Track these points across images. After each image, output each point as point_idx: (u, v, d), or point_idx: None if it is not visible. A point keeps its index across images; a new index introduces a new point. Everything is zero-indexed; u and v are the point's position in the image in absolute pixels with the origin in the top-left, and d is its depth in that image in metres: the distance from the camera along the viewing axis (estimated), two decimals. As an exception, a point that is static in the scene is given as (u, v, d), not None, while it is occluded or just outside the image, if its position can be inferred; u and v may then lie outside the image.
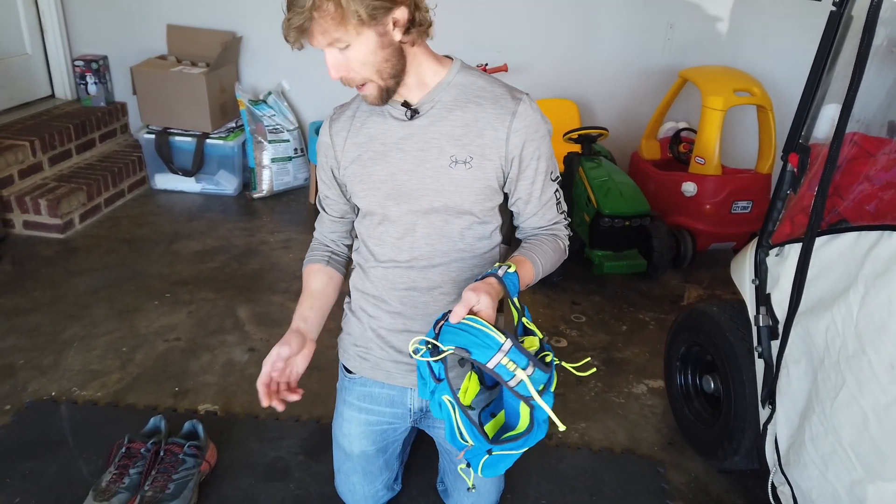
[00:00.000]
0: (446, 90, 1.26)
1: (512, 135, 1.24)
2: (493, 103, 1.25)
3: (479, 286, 1.07)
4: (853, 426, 1.27)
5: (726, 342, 1.82)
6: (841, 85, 1.39)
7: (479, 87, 1.27)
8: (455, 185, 1.26)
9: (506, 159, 1.27)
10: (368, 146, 1.29)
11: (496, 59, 3.31)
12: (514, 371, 0.99)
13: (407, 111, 1.26)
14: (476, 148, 1.25)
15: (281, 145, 3.59)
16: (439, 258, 1.32)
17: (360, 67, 1.16)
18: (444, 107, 1.26)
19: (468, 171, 1.25)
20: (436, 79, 1.26)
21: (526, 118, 1.25)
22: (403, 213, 1.30)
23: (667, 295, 2.92)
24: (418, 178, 1.27)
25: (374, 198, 1.30)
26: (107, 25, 3.71)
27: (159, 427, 1.84)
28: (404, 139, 1.27)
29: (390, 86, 1.21)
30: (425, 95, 1.26)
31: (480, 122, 1.24)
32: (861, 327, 1.26)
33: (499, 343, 0.98)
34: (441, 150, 1.25)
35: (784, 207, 1.58)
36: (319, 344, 2.38)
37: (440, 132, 1.25)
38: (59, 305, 2.55)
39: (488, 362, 0.98)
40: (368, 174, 1.30)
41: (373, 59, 1.16)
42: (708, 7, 3.43)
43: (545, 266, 1.29)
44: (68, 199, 3.08)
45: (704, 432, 1.96)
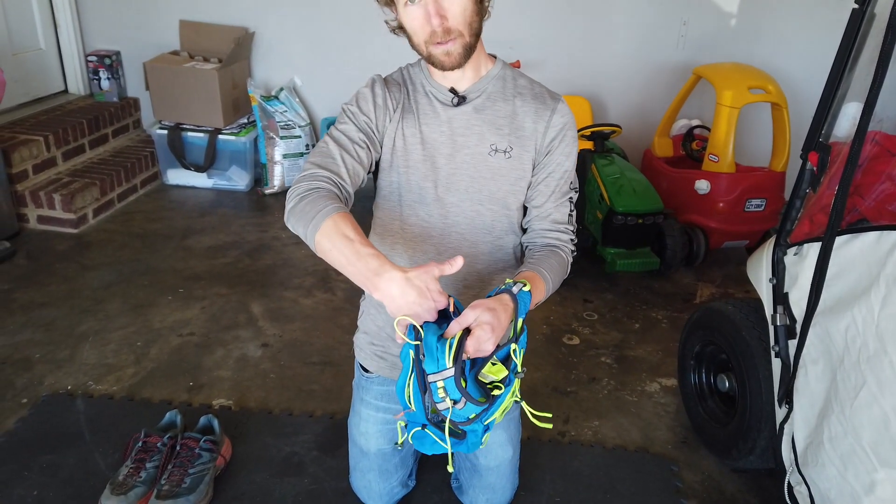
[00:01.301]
0: (493, 82, 1.31)
1: (550, 129, 1.30)
2: (535, 99, 1.31)
3: (484, 302, 1.06)
4: (873, 426, 1.26)
5: (742, 341, 1.81)
6: (863, 83, 1.37)
7: (522, 84, 1.33)
8: (493, 172, 1.29)
9: (539, 151, 1.30)
10: (413, 124, 1.30)
11: (509, 54, 3.29)
12: (444, 398, 1.03)
13: (454, 97, 1.28)
14: (516, 139, 1.29)
15: (293, 141, 3.60)
16: (468, 248, 1.33)
17: (460, 14, 1.17)
18: (489, 97, 1.30)
19: (507, 160, 1.30)
20: (485, 69, 1.30)
21: (563, 116, 1.31)
22: (437, 197, 1.31)
23: (679, 293, 2.91)
24: (456, 163, 1.29)
25: (412, 177, 1.31)
26: (120, 21, 3.72)
27: (175, 421, 1.85)
28: (447, 123, 1.30)
29: (473, 44, 1.22)
30: (474, 84, 1.29)
31: (521, 114, 1.29)
32: (882, 327, 1.25)
33: (444, 367, 1.01)
34: (481, 137, 1.29)
35: (803, 206, 1.57)
36: (332, 340, 2.42)
37: (483, 120, 1.29)
38: (73, 300, 2.57)
39: (429, 375, 1.03)
40: (409, 151, 1.30)
41: (470, 9, 1.18)
42: (722, 4, 3.41)
43: (555, 284, 1.28)
44: (82, 195, 3.10)
45: (718, 431, 1.95)
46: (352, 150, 1.22)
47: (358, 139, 1.24)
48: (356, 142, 1.23)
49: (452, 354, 1.00)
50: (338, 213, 1.06)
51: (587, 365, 2.38)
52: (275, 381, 2.18)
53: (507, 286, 1.14)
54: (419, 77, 1.32)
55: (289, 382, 2.18)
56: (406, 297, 0.97)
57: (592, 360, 2.41)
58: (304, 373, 2.23)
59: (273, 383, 2.17)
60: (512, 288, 1.13)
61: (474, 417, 1.07)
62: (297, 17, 3.63)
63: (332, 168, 1.17)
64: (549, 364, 2.38)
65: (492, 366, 1.09)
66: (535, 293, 1.17)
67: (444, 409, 1.04)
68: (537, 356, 2.40)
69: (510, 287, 1.14)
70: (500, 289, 1.14)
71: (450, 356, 1.00)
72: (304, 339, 2.42)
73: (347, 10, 3.50)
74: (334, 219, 1.05)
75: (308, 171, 1.16)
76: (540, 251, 1.33)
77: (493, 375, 1.11)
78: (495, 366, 1.10)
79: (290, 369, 2.25)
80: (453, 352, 1.01)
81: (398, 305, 0.98)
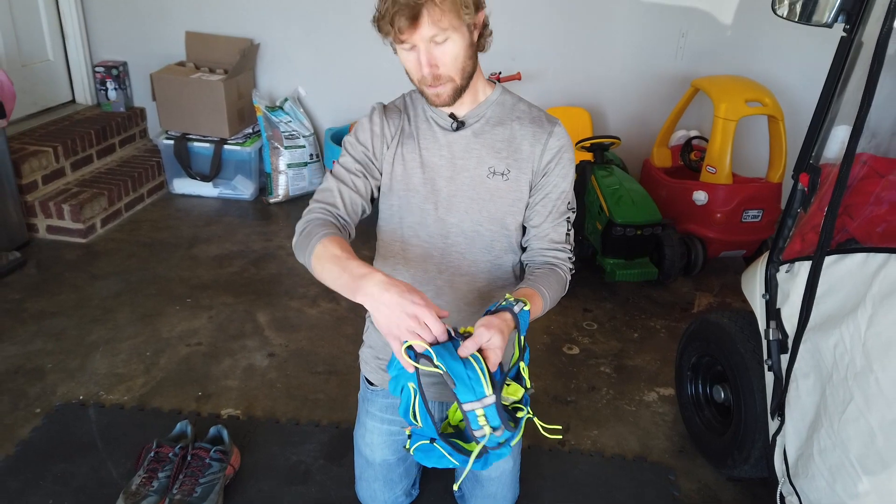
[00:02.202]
0: (491, 107, 1.35)
1: (546, 152, 1.34)
2: (532, 122, 1.35)
3: (493, 322, 1.08)
4: (860, 441, 1.31)
5: (737, 353, 1.86)
6: (852, 107, 1.42)
7: (521, 109, 1.38)
8: (491, 194, 1.34)
9: (536, 173, 1.34)
10: (412, 148, 1.35)
11: (510, 66, 3.35)
12: (483, 425, 1.02)
13: (453, 122, 1.32)
14: (514, 161, 1.33)
15: (297, 151, 3.65)
16: (468, 267, 1.38)
17: (451, 63, 1.21)
18: (487, 121, 1.34)
19: (505, 182, 1.34)
20: (483, 95, 1.34)
21: (560, 139, 1.35)
22: (438, 218, 1.35)
23: (678, 302, 2.96)
24: (457, 185, 1.34)
25: (412, 199, 1.36)
26: (127, 32, 3.78)
27: (186, 432, 1.90)
28: (446, 147, 1.34)
29: (465, 86, 1.27)
30: (473, 109, 1.33)
31: (518, 138, 1.34)
32: (869, 345, 1.30)
33: (483, 394, 1.00)
34: (480, 160, 1.33)
35: (794, 225, 1.62)
36: (337, 349, 2.47)
37: (481, 144, 1.33)
38: (83, 309, 2.62)
39: (464, 404, 1.01)
40: (410, 175, 1.35)
41: (462, 56, 1.22)
42: (720, 16, 3.46)
43: (552, 301, 1.32)
44: (90, 205, 3.15)
45: (715, 441, 2.00)
46: (349, 181, 1.30)
47: (355, 170, 1.32)
48: (353, 172, 1.31)
49: (489, 381, 1.00)
50: (327, 237, 1.15)
51: (587, 374, 2.43)
52: (281, 391, 2.23)
53: (507, 304, 1.17)
54: (420, 103, 1.37)
55: (295, 392, 2.23)
56: (386, 294, 1.00)
57: (592, 370, 2.46)
58: (310, 382, 2.28)
59: (280, 392, 2.22)
60: (514, 307, 1.16)
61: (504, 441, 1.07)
62: (301, 29, 3.69)
63: (329, 200, 1.27)
64: (550, 373, 2.43)
65: (506, 386, 1.11)
66: (533, 310, 1.22)
67: (482, 436, 1.02)
68: (538, 365, 2.45)
69: (511, 305, 1.16)
70: (501, 305, 1.17)
71: (487, 383, 1.00)
72: (309, 349, 2.47)
73: (351, 21, 3.56)
74: (323, 242, 1.14)
75: (309, 207, 1.28)
76: (539, 269, 1.37)
77: (511, 396, 1.13)
78: (510, 386, 1.12)
79: (297, 378, 2.30)
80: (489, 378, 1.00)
81: (379, 304, 1.01)
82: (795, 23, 1.44)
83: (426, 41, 1.17)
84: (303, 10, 3.64)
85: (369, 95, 3.79)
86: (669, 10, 3.46)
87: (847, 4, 1.38)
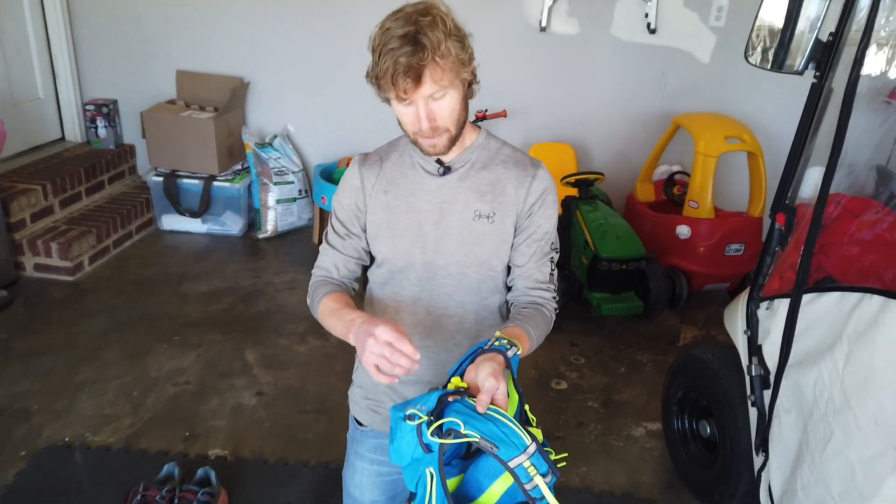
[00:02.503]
0: (476, 151, 1.38)
1: (531, 194, 1.37)
2: (516, 166, 1.38)
3: (497, 371, 1.07)
4: (841, 477, 1.33)
5: (721, 389, 1.89)
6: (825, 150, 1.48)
7: (505, 153, 1.41)
8: (477, 237, 1.36)
9: (521, 215, 1.37)
10: (397, 195, 1.38)
11: (496, 104, 3.42)
12: (534, 475, 0.96)
13: (440, 168, 1.36)
14: (498, 204, 1.36)
15: (286, 187, 3.69)
16: (455, 308, 1.40)
17: (447, 116, 1.24)
18: (472, 166, 1.38)
19: (490, 224, 1.36)
20: (469, 140, 1.38)
21: (543, 182, 1.38)
22: (426, 262, 1.38)
23: (664, 335, 2.99)
24: (443, 229, 1.36)
25: (399, 245, 1.38)
26: (117, 71, 3.83)
27: (173, 474, 1.89)
28: (433, 192, 1.37)
29: (458, 136, 1.31)
30: (459, 155, 1.37)
31: (503, 181, 1.37)
32: (846, 383, 1.33)
33: (525, 444, 0.96)
34: (466, 203, 1.36)
35: (773, 263, 1.66)
36: (326, 387, 2.47)
37: (467, 188, 1.37)
38: (71, 348, 2.61)
39: (510, 461, 0.95)
40: (396, 222, 1.38)
41: (458, 108, 1.26)
42: (699, 55, 3.56)
43: (538, 341, 1.34)
44: (79, 242, 3.16)
45: (702, 476, 2.01)
46: (340, 246, 1.40)
47: (343, 234, 1.40)
48: (342, 236, 1.40)
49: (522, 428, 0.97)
50: (326, 296, 1.29)
51: (574, 409, 2.45)
52: (270, 430, 2.23)
53: (500, 346, 1.15)
54: (408, 149, 1.40)
55: (283, 431, 2.23)
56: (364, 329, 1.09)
57: (580, 405, 2.48)
58: (299, 421, 2.28)
59: (268, 432, 2.22)
60: (507, 352, 1.14)
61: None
62: (290, 67, 3.75)
63: (325, 266, 1.41)
64: (538, 409, 2.42)
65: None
66: (521, 352, 1.24)
67: (532, 488, 0.95)
68: (526, 401, 2.46)
69: (504, 349, 1.14)
70: (493, 346, 1.16)
71: (523, 431, 0.97)
72: (298, 387, 2.47)
73: (338, 59, 3.63)
74: (324, 302, 1.29)
75: (312, 272, 1.42)
76: (525, 308, 1.40)
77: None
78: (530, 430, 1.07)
79: (285, 417, 2.29)
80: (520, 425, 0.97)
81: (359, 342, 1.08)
82: (768, 70, 1.50)
83: (425, 98, 1.20)
84: (291, 49, 3.71)
85: (357, 132, 3.86)
86: (650, 49, 3.55)
87: (817, 53, 1.44)
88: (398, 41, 1.14)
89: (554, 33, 3.57)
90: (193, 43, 3.74)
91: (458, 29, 1.20)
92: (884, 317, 1.26)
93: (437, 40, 1.14)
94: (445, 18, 1.17)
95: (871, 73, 1.50)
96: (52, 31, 3.67)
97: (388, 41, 1.15)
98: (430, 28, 1.15)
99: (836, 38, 1.41)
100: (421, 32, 1.14)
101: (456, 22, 1.20)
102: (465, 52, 1.20)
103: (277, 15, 3.65)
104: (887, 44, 1.51)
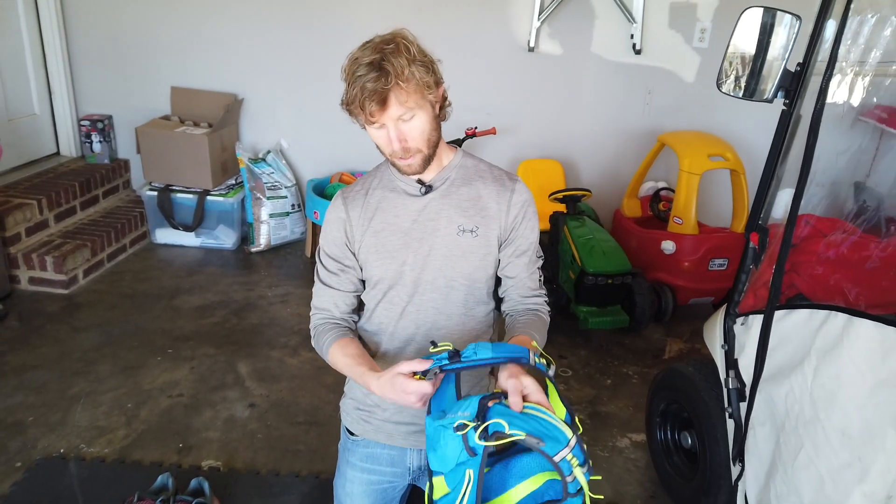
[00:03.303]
0: (455, 170, 1.45)
1: (511, 208, 1.44)
2: (495, 181, 1.45)
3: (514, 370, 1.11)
4: (811, 487, 1.39)
5: (701, 401, 1.95)
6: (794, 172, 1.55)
7: (482, 169, 1.48)
8: (462, 251, 1.43)
9: (505, 228, 1.44)
10: (383, 219, 1.44)
11: (486, 121, 3.50)
12: (575, 466, 0.98)
13: (421, 187, 1.42)
14: (481, 219, 1.43)
15: (279, 201, 3.74)
16: (444, 321, 1.46)
17: (418, 136, 1.31)
18: (453, 183, 1.45)
19: (474, 238, 1.43)
20: (447, 160, 1.45)
21: (522, 195, 1.45)
22: (414, 278, 1.44)
23: (649, 349, 3.05)
24: (429, 245, 1.43)
25: (389, 266, 1.44)
26: (113, 87, 3.88)
27: (167, 485, 1.93)
28: (418, 212, 1.44)
29: (432, 155, 1.37)
30: (439, 174, 1.44)
31: (484, 197, 1.44)
32: (815, 396, 1.40)
33: (567, 438, 0.99)
34: (450, 219, 1.43)
35: (748, 280, 1.73)
36: (318, 400, 2.52)
37: (449, 204, 1.43)
38: (65, 362, 2.64)
39: (555, 455, 0.97)
40: (384, 244, 1.44)
41: (428, 129, 1.32)
42: (683, 75, 3.66)
43: (542, 343, 1.41)
44: (73, 256, 3.20)
45: (684, 486, 2.07)
46: (333, 283, 1.46)
47: (335, 269, 1.46)
48: (334, 272, 1.46)
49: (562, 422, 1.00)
50: (333, 344, 1.39)
51: (561, 421, 2.50)
52: (262, 442, 2.27)
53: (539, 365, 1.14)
54: (388, 174, 1.47)
55: (275, 443, 2.27)
56: (386, 395, 1.20)
57: (566, 417, 2.53)
58: (291, 433, 2.32)
59: (260, 444, 2.26)
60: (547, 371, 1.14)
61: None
62: (283, 84, 3.82)
63: (324, 307, 1.47)
64: (525, 421, 2.49)
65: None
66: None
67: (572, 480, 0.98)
68: (514, 413, 2.51)
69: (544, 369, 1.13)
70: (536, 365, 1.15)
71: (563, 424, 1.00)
72: (290, 399, 2.51)
73: (331, 76, 3.66)
74: (332, 351, 1.39)
75: (312, 312, 1.48)
76: (523, 316, 1.48)
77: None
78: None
79: (277, 429, 2.34)
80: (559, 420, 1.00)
81: (389, 399, 1.20)
82: (740, 98, 1.58)
83: (394, 120, 1.28)
84: (285, 66, 3.78)
85: (350, 147, 3.93)
86: (636, 68, 3.65)
87: (785, 82, 1.51)
88: (365, 69, 1.22)
89: (542, 53, 3.66)
90: (188, 60, 3.81)
91: (422, 54, 1.27)
92: (848, 334, 1.33)
93: (401, 66, 1.22)
94: (409, 46, 1.25)
95: (838, 101, 1.57)
96: (49, 48, 3.73)
97: (357, 69, 1.23)
98: (393, 55, 1.22)
99: (803, 67, 1.49)
100: (385, 59, 1.21)
101: (420, 48, 1.27)
102: (429, 76, 1.27)
103: (271, 32, 3.73)
104: (852, 71, 1.59)
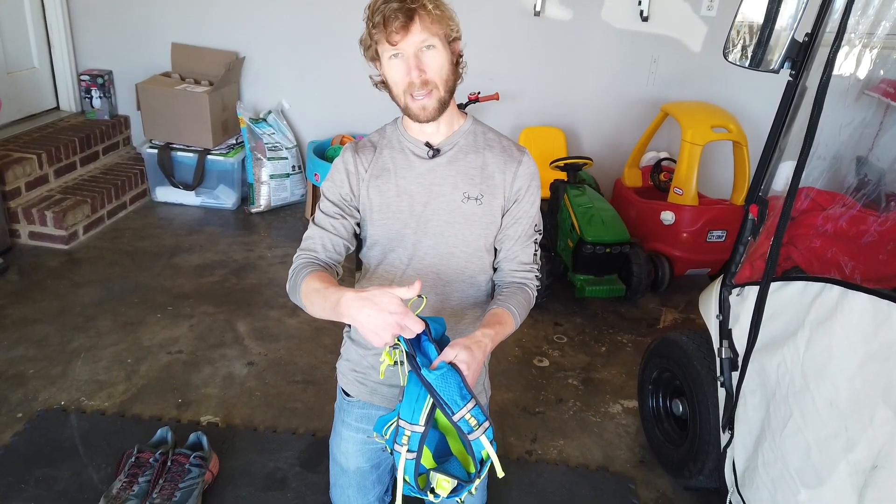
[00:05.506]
0: (464, 136, 1.45)
1: (517, 179, 1.45)
2: (502, 152, 1.46)
3: (463, 342, 1.17)
4: (798, 454, 1.43)
5: (694, 370, 1.98)
6: (797, 145, 1.54)
7: (490, 138, 1.48)
8: (465, 218, 1.43)
9: (508, 199, 1.44)
10: (388, 179, 1.44)
11: (489, 86, 3.46)
12: (475, 426, 1.10)
13: (429, 150, 1.42)
14: (486, 187, 1.44)
15: (279, 162, 3.73)
16: (442, 286, 1.47)
17: (437, 71, 1.32)
18: (461, 149, 1.44)
19: (479, 206, 1.44)
20: (457, 125, 1.45)
21: (528, 167, 1.46)
22: (415, 241, 1.45)
23: (644, 318, 3.08)
24: (433, 209, 1.43)
25: (391, 226, 1.45)
26: (113, 42, 3.83)
27: (166, 438, 1.96)
28: (423, 175, 1.44)
29: (447, 100, 1.37)
30: (447, 138, 1.44)
31: (490, 165, 1.44)
32: (806, 367, 1.42)
33: (468, 398, 1.10)
34: (455, 186, 1.43)
35: (745, 252, 1.74)
36: (315, 360, 2.55)
37: (456, 171, 1.43)
38: (65, 317, 2.67)
39: (454, 415, 1.09)
40: (388, 204, 1.44)
41: (446, 68, 1.33)
42: (689, 44, 3.61)
43: (521, 318, 1.42)
44: (73, 212, 3.20)
45: (673, 452, 2.11)
46: (328, 226, 1.42)
47: (333, 213, 1.42)
48: (332, 216, 1.42)
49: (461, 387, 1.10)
50: (309, 276, 1.28)
51: (555, 386, 2.54)
52: (260, 399, 2.30)
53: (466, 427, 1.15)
54: (396, 135, 1.47)
55: (273, 400, 2.30)
56: (363, 312, 1.10)
57: (560, 382, 2.57)
58: (288, 391, 2.36)
59: (258, 401, 2.29)
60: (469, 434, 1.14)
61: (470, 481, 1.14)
62: (286, 43, 3.78)
63: (310, 248, 1.41)
64: (520, 385, 2.53)
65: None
66: (504, 328, 1.32)
67: (475, 438, 1.10)
68: (509, 377, 2.55)
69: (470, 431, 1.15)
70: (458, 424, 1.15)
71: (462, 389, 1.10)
72: (288, 358, 2.54)
73: (334, 36, 3.65)
74: (306, 281, 1.27)
75: (296, 254, 1.41)
76: (508, 288, 1.48)
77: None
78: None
79: (275, 388, 2.37)
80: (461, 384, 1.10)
81: (360, 322, 1.10)
82: (746, 68, 1.56)
83: (415, 47, 1.28)
84: (288, 26, 3.73)
85: (351, 109, 3.90)
86: (641, 36, 3.60)
87: (792, 52, 1.50)
88: None
89: (548, 18, 3.61)
90: (189, 16, 3.75)
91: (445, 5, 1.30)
92: (841, 306, 1.34)
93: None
94: None
95: (844, 74, 1.56)
96: (48, 1, 3.66)
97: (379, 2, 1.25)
98: None
99: (811, 38, 1.47)
100: None
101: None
102: (451, 19, 1.30)
103: (274, -10, 3.67)
104: (860, 44, 1.57)
